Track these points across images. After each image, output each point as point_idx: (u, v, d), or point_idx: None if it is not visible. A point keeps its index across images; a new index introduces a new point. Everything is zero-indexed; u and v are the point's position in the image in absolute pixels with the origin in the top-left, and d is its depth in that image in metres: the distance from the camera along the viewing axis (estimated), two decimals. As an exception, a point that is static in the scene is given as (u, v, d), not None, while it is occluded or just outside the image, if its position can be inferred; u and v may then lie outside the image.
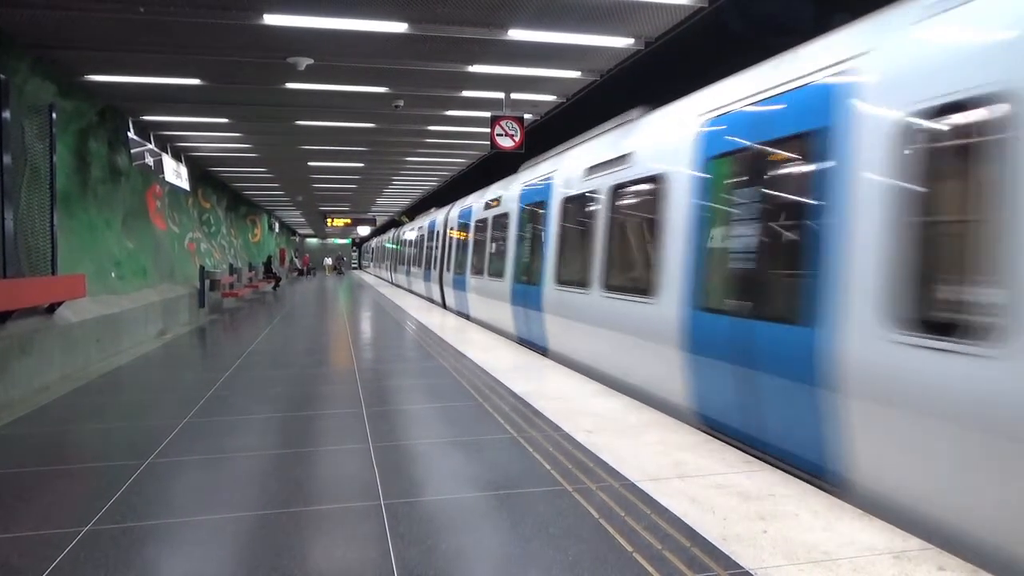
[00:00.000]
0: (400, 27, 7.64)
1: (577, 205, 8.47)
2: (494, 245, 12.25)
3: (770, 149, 4.74)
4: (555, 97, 11.16)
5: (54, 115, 8.27)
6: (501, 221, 11.88)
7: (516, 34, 7.87)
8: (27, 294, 7.22)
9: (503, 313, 11.23)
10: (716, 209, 5.35)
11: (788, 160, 4.65)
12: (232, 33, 7.91)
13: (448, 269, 16.30)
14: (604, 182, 7.55)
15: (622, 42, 8.13)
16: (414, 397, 6.42)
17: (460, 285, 14.66)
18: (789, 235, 4.60)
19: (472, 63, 9.20)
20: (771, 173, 4.80)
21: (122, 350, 9.82)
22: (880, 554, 2.95)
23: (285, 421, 5.60)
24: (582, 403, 5.97)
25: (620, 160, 7.20)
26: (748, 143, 4.95)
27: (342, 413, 5.82)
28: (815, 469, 4.17)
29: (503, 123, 10.57)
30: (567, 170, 8.98)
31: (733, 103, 5.26)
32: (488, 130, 10.66)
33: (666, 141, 6.30)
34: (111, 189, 11.98)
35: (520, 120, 10.71)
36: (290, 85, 10.32)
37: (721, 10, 7.12)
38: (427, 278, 19.62)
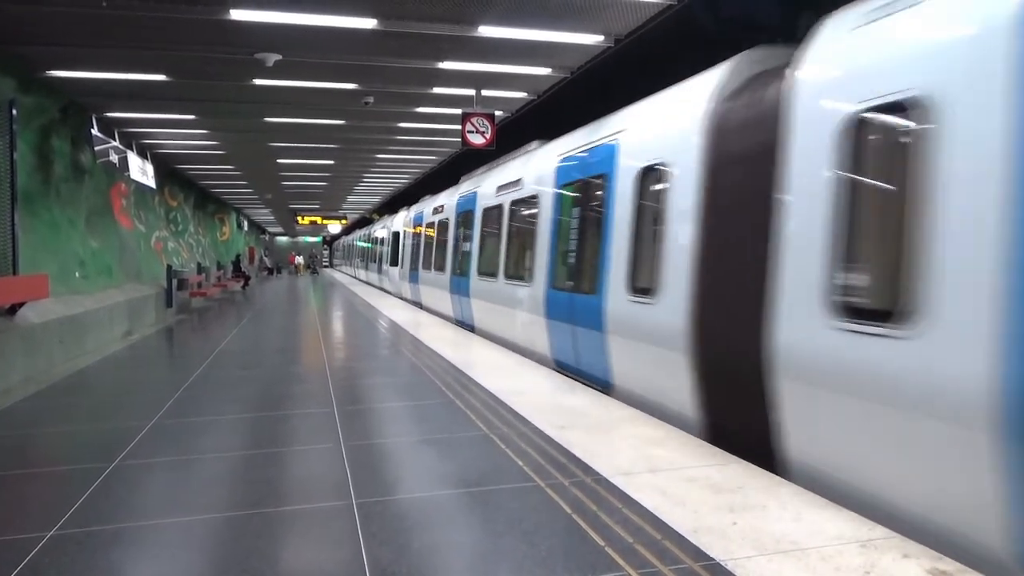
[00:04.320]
0: (369, 23, 7.59)
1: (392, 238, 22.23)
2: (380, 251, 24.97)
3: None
4: (526, 94, 11.16)
5: (15, 112, 8.06)
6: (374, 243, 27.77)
7: (486, 31, 7.86)
8: (-13, 295, 7.04)
9: (373, 278, 24.37)
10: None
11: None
12: (198, 28, 7.78)
13: (368, 260, 31.07)
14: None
15: (592, 39, 8.16)
16: (386, 395, 6.39)
17: (363, 268, 32.18)
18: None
19: (442, 59, 9.17)
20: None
21: (87, 351, 9.62)
22: (847, 543, 3.01)
23: (255, 421, 5.53)
24: (553, 399, 5.99)
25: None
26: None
27: (313, 412, 5.77)
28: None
29: (474, 120, 10.55)
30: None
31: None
32: (459, 127, 10.65)
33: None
34: (74, 187, 11.71)
35: (491, 117, 10.70)
36: (258, 81, 10.19)
37: (690, 7, 7.17)
38: (355, 266, 38.81)
